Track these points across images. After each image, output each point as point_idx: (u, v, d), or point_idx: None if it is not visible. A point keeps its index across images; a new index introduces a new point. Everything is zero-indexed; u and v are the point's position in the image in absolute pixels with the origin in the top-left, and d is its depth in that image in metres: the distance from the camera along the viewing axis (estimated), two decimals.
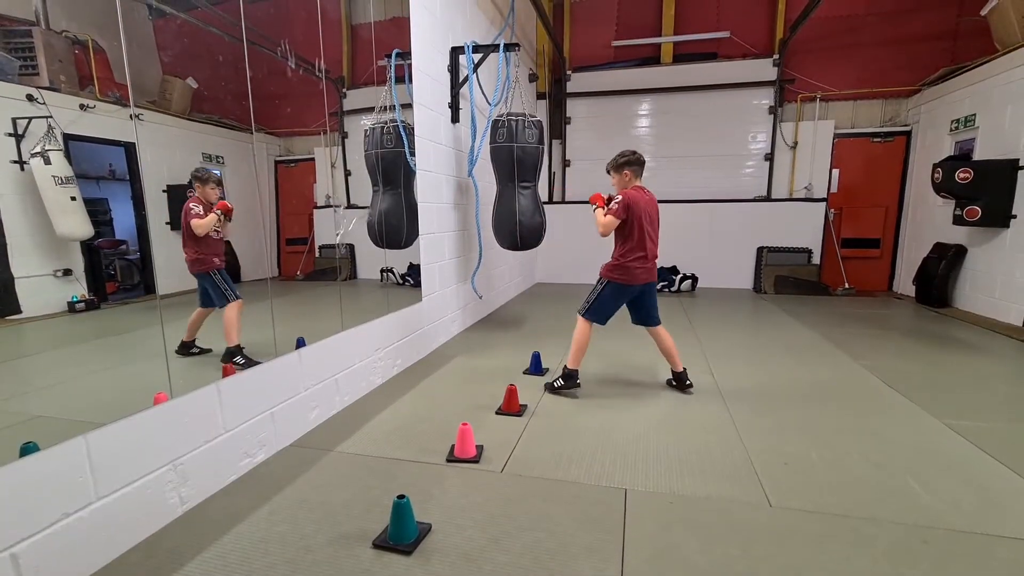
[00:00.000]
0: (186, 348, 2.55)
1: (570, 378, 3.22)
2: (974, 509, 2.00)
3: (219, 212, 2.65)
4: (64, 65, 2.11)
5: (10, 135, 1.88)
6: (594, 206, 3.22)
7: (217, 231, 2.68)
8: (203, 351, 2.59)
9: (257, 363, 2.48)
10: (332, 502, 2.07)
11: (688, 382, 3.27)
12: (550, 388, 3.27)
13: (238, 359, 2.56)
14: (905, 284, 6.90)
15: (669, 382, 3.39)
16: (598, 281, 3.20)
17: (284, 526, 1.92)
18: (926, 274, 6.13)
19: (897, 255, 7.24)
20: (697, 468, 2.32)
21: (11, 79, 1.91)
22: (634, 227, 3.03)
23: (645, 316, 3.27)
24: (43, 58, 2.02)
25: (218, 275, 2.70)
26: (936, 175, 5.55)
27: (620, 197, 3.03)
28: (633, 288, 3.13)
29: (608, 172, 3.23)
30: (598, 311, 3.19)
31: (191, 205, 2.57)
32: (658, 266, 7.64)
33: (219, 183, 2.72)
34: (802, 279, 7.10)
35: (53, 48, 2.06)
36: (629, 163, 3.11)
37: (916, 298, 6.35)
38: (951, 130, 6.09)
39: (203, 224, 2.59)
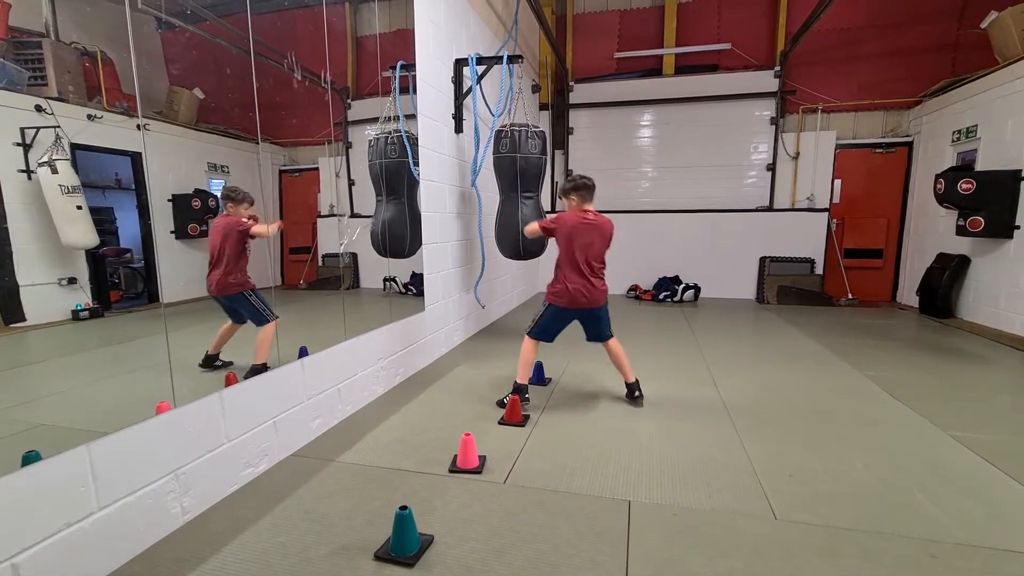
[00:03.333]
0: (211, 361, 2.57)
1: (518, 391, 3.19)
2: (981, 522, 1.98)
3: (273, 228, 2.69)
4: (73, 76, 2.13)
5: (18, 145, 1.90)
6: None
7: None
8: (225, 364, 2.58)
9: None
10: (334, 513, 2.06)
11: (637, 393, 3.24)
12: (500, 402, 3.22)
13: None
14: (908, 295, 6.89)
15: (626, 396, 3.33)
16: (542, 302, 3.25)
17: (285, 537, 1.90)
18: (929, 285, 6.11)
19: (900, 266, 7.23)
20: (701, 480, 2.31)
21: (20, 89, 1.93)
22: (563, 251, 3.09)
23: (596, 335, 3.27)
24: (52, 69, 2.04)
25: (254, 295, 2.69)
26: (938, 186, 5.55)
27: (554, 215, 3.12)
28: (572, 312, 3.15)
29: (559, 198, 3.26)
30: (541, 330, 3.24)
31: (242, 220, 2.60)
32: (662, 276, 7.51)
33: (252, 204, 2.71)
34: (805, 289, 7.09)
35: (62, 59, 2.08)
36: (576, 188, 3.13)
37: (919, 309, 6.33)
38: (953, 141, 6.10)
39: (267, 231, 2.61)
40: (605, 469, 2.41)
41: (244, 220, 2.60)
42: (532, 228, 3.22)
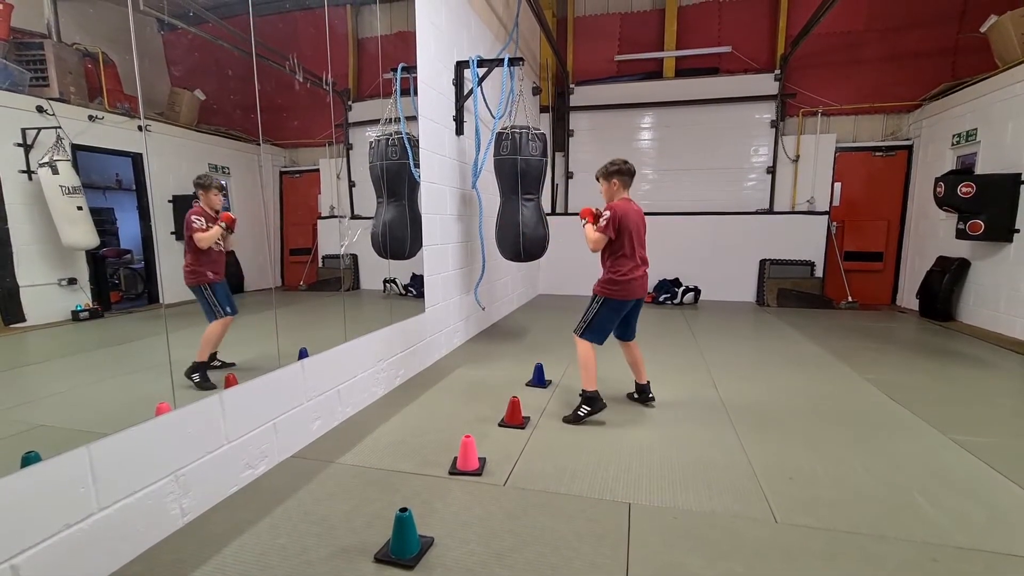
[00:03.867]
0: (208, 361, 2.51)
1: (592, 401, 2.98)
2: (983, 526, 1.97)
3: (223, 225, 2.60)
4: (74, 77, 2.13)
5: (19, 145, 1.90)
6: (583, 221, 3.11)
7: (219, 244, 2.61)
8: (225, 365, 2.55)
9: (213, 386, 2.31)
10: (333, 515, 2.05)
11: (651, 395, 3.24)
12: (574, 419, 2.99)
13: (196, 376, 2.37)
14: (908, 298, 6.89)
15: (630, 395, 3.36)
16: (593, 299, 3.04)
17: (285, 539, 1.90)
18: (929, 288, 6.11)
19: (900, 269, 7.23)
20: (702, 483, 2.30)
21: (22, 90, 1.93)
22: (624, 240, 2.94)
23: (628, 330, 3.21)
24: (54, 70, 2.04)
25: (208, 290, 2.58)
26: (938, 189, 5.56)
27: (608, 212, 2.92)
28: (629, 303, 3.03)
29: (597, 179, 3.10)
30: (597, 330, 3.02)
31: (193, 217, 2.49)
32: (662, 278, 7.52)
33: (222, 189, 2.65)
34: (805, 292, 7.09)
35: (64, 60, 2.09)
36: (620, 172, 2.99)
37: (919, 312, 6.33)
38: (952, 144, 6.11)
39: (206, 237, 2.54)
40: (605, 471, 2.41)
41: (194, 223, 2.49)
42: (598, 239, 2.94)
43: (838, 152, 7.21)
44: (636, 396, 3.30)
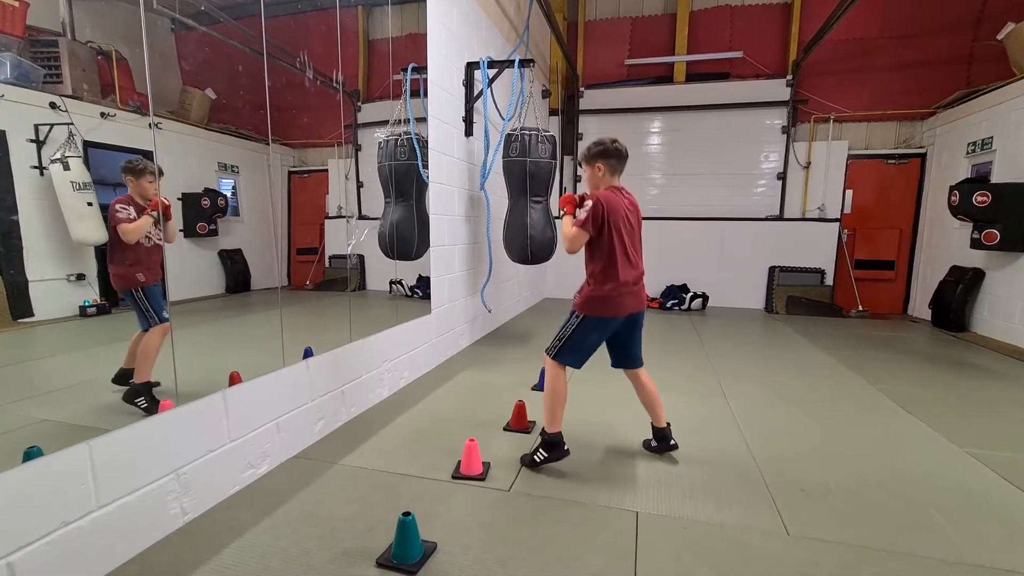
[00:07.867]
0: (124, 378, 2.16)
1: (552, 446, 2.42)
2: (1000, 543, 1.92)
3: (154, 214, 2.21)
4: (87, 74, 2.14)
5: (32, 141, 1.90)
6: (561, 211, 2.46)
7: (149, 237, 2.24)
8: (152, 384, 2.17)
9: (156, 402, 2.01)
10: (335, 517, 2.03)
11: (672, 441, 2.57)
12: (529, 462, 2.45)
13: (140, 400, 2.05)
14: (920, 307, 6.79)
15: (647, 444, 2.66)
16: (572, 314, 2.44)
17: (286, 541, 1.88)
18: (942, 298, 6.02)
19: (912, 278, 7.13)
20: (711, 492, 2.26)
21: (35, 87, 1.94)
22: (612, 240, 2.31)
23: (627, 356, 2.55)
24: (67, 67, 2.05)
25: (139, 292, 2.25)
26: (953, 198, 5.48)
27: (590, 202, 2.30)
28: (617, 321, 2.40)
29: (579, 164, 2.55)
30: (573, 352, 2.42)
31: (118, 206, 2.15)
32: (669, 283, 7.40)
33: (159, 174, 2.24)
34: (815, 300, 7.01)
35: (77, 58, 2.10)
36: (605, 154, 2.35)
37: (932, 322, 6.24)
38: (967, 153, 6.03)
39: (134, 229, 2.17)
40: (612, 478, 2.37)
41: (119, 212, 2.14)
42: (574, 236, 2.30)
43: (850, 159, 7.14)
44: (654, 444, 2.62)
